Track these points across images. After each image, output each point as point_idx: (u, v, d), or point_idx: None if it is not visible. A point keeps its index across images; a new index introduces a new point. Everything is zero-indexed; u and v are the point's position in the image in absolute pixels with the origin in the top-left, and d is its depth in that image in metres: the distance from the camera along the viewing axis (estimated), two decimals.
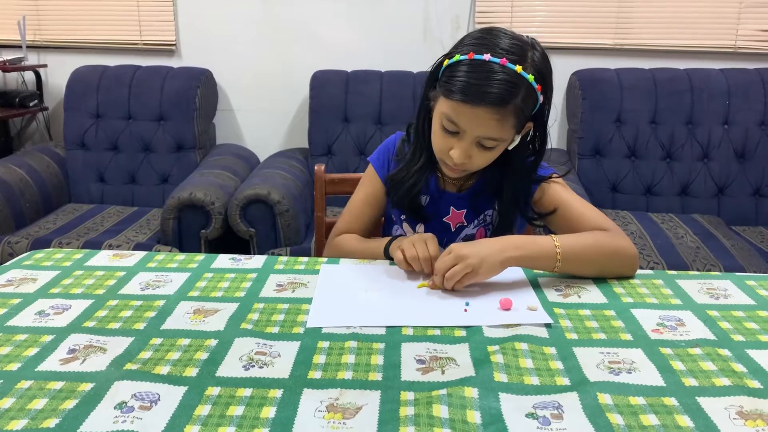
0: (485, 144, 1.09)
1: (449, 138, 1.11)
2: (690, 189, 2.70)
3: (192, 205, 2.34)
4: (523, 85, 1.04)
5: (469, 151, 1.10)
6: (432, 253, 1.08)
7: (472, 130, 1.07)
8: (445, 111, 1.09)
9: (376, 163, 1.32)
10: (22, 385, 0.76)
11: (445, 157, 1.14)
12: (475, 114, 1.05)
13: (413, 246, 1.10)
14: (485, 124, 1.06)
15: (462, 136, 1.09)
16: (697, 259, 2.11)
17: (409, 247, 1.10)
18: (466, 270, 1.01)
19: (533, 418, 0.70)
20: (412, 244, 1.10)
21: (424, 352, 0.85)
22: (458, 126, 1.08)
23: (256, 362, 0.82)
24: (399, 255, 1.10)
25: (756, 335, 0.91)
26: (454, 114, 1.07)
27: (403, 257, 1.10)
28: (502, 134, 1.08)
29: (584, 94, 2.73)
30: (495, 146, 1.10)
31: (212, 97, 2.97)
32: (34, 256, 1.19)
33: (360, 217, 1.32)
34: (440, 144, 1.14)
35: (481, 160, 1.13)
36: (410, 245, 1.10)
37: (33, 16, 3.08)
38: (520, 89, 1.04)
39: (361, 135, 2.81)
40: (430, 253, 1.08)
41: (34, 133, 3.27)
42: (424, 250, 1.09)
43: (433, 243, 1.11)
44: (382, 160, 1.32)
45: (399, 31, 2.92)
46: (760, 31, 2.83)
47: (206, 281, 1.09)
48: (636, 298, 1.03)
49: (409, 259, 1.09)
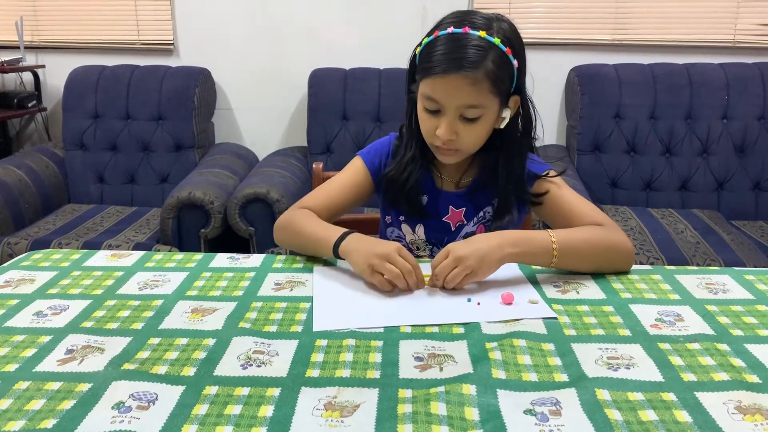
0: (467, 115, 1.10)
1: (433, 118, 1.12)
2: (689, 184, 2.70)
3: (191, 205, 2.33)
4: (490, 48, 1.06)
5: (453, 125, 1.10)
6: (412, 263, 1.02)
7: (450, 100, 1.08)
8: (423, 91, 1.11)
9: (366, 157, 1.30)
10: (19, 386, 0.76)
11: (434, 140, 1.14)
12: (448, 83, 1.07)
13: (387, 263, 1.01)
14: (461, 91, 1.07)
15: (444, 112, 1.10)
16: (697, 254, 2.11)
17: (387, 267, 1.01)
18: (466, 272, 1.01)
19: (531, 414, 0.70)
20: (386, 262, 1.01)
21: (422, 349, 0.85)
22: (437, 101, 1.09)
23: (254, 361, 0.82)
24: (379, 278, 1.02)
25: (755, 330, 0.90)
26: (431, 90, 1.09)
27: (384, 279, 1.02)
28: (480, 100, 1.08)
29: (583, 89, 2.73)
30: (478, 117, 1.10)
31: (211, 96, 2.97)
32: (32, 257, 1.19)
33: (330, 197, 1.26)
34: (427, 127, 1.14)
35: (470, 135, 1.12)
36: (385, 264, 1.01)
37: (31, 17, 3.08)
38: (488, 52, 1.06)
39: (359, 133, 2.81)
40: (411, 264, 1.02)
41: (33, 134, 3.27)
42: (403, 263, 1.01)
43: (405, 251, 1.04)
44: (372, 156, 1.29)
45: (397, 29, 2.92)
46: (759, 25, 2.83)
47: (204, 280, 1.09)
48: (634, 293, 1.03)
49: (393, 278, 1.01)
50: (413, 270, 1.02)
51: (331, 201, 1.26)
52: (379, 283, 1.02)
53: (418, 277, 1.04)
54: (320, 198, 1.26)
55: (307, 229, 1.17)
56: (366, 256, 1.04)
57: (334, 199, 1.27)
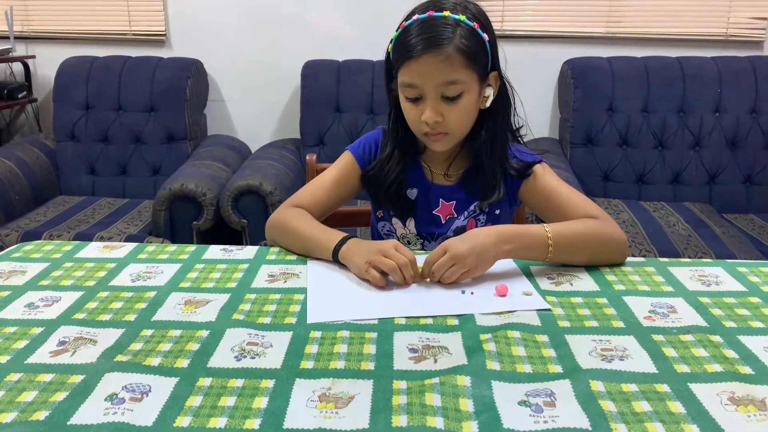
0: (447, 93, 1.10)
1: (416, 106, 1.13)
2: (681, 177, 2.70)
3: (184, 197, 2.32)
4: (456, 24, 1.08)
5: (437, 107, 1.11)
6: (409, 257, 1.02)
7: (427, 82, 1.09)
8: (402, 81, 1.12)
9: (355, 151, 1.29)
10: (11, 378, 0.76)
11: (421, 127, 1.14)
12: (421, 64, 1.08)
13: (384, 257, 1.02)
14: (434, 70, 1.08)
15: (424, 96, 1.11)
16: (689, 246, 2.12)
17: (383, 261, 1.01)
18: (464, 270, 1.01)
19: (526, 405, 0.70)
20: (382, 256, 1.02)
21: (416, 341, 0.85)
22: (416, 85, 1.10)
23: (248, 353, 0.81)
24: (374, 273, 1.01)
25: (747, 321, 0.91)
26: (408, 77, 1.10)
27: (379, 274, 1.02)
28: (456, 75, 1.09)
29: (576, 82, 2.73)
30: (459, 94, 1.10)
31: (203, 87, 2.95)
32: (23, 248, 1.18)
33: (322, 195, 1.26)
34: (412, 116, 1.15)
35: (455, 114, 1.12)
36: (382, 258, 1.02)
37: (20, 7, 3.05)
38: (456, 28, 1.08)
39: (353, 125, 2.80)
40: (407, 258, 1.02)
41: (23, 125, 3.24)
42: (400, 256, 1.01)
43: (402, 246, 1.04)
44: (362, 151, 1.29)
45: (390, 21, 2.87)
46: (752, 18, 2.83)
47: (197, 272, 1.08)
48: (628, 285, 1.03)
49: (389, 271, 1.01)
50: (409, 264, 1.02)
51: (323, 197, 1.26)
52: (373, 279, 1.02)
53: (415, 271, 1.03)
54: (311, 195, 1.26)
55: (304, 231, 1.16)
56: (365, 254, 1.03)
57: (326, 195, 1.27)
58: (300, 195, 1.27)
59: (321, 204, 1.25)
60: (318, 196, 1.26)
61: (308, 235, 1.16)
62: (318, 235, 1.14)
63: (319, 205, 1.25)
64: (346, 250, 1.08)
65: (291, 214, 1.21)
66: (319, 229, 1.16)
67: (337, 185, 1.28)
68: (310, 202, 1.25)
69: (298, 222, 1.19)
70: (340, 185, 1.28)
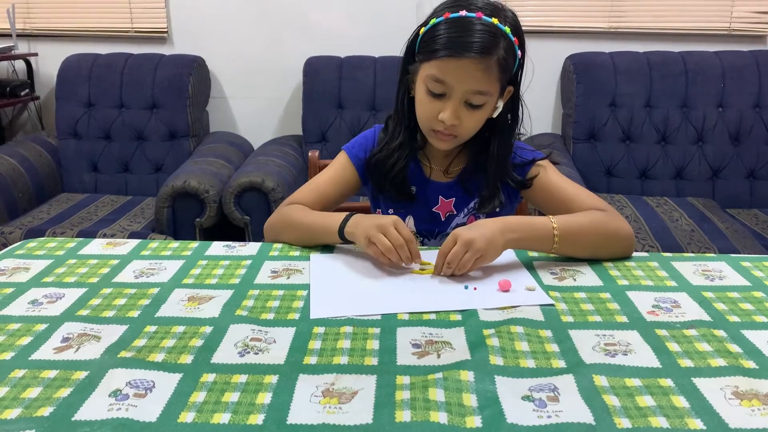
0: (473, 101, 1.09)
1: (437, 102, 1.11)
2: (684, 172, 2.70)
3: (186, 194, 2.33)
4: (502, 36, 1.06)
5: (458, 110, 1.10)
6: (406, 237, 1.03)
7: (460, 84, 1.07)
8: (430, 73, 1.09)
9: (351, 151, 1.29)
10: (15, 374, 0.76)
11: (434, 124, 1.13)
12: (461, 66, 1.05)
13: (382, 235, 1.03)
14: (472, 76, 1.06)
15: (450, 96, 1.09)
16: (692, 242, 2.12)
17: (380, 239, 1.02)
18: (476, 255, 1.01)
19: (529, 400, 0.70)
20: (380, 233, 1.03)
21: (419, 336, 0.85)
22: (446, 84, 1.08)
23: (251, 348, 0.81)
24: (375, 249, 1.03)
25: (751, 316, 0.91)
26: (441, 72, 1.07)
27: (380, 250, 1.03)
28: (489, 87, 1.08)
29: (578, 78, 2.72)
30: (483, 104, 1.10)
31: (205, 84, 2.96)
32: (27, 245, 1.18)
33: (320, 193, 1.26)
34: (428, 111, 1.13)
35: (470, 122, 1.12)
36: (380, 235, 1.03)
37: (22, 5, 3.05)
38: (500, 40, 1.06)
39: (355, 121, 2.80)
40: (404, 237, 1.03)
41: (26, 123, 3.24)
42: (397, 236, 1.02)
43: (402, 225, 1.05)
44: (357, 150, 1.28)
45: (392, 16, 2.90)
46: (755, 12, 2.82)
47: (200, 268, 1.08)
48: (631, 280, 1.03)
49: (385, 251, 1.02)
50: (405, 244, 1.02)
51: (320, 197, 1.26)
52: (374, 253, 1.04)
53: (412, 251, 1.03)
54: (308, 196, 1.26)
55: (306, 220, 1.17)
56: (366, 228, 1.05)
57: (322, 195, 1.27)
58: (296, 196, 1.27)
59: (317, 205, 1.25)
60: (314, 197, 1.26)
61: (312, 222, 1.17)
62: (321, 221, 1.16)
63: (316, 206, 1.25)
64: (350, 226, 1.09)
65: (289, 209, 1.22)
66: (321, 215, 1.18)
67: (332, 185, 1.28)
68: (307, 203, 1.25)
69: (299, 214, 1.20)
70: (336, 185, 1.28)
